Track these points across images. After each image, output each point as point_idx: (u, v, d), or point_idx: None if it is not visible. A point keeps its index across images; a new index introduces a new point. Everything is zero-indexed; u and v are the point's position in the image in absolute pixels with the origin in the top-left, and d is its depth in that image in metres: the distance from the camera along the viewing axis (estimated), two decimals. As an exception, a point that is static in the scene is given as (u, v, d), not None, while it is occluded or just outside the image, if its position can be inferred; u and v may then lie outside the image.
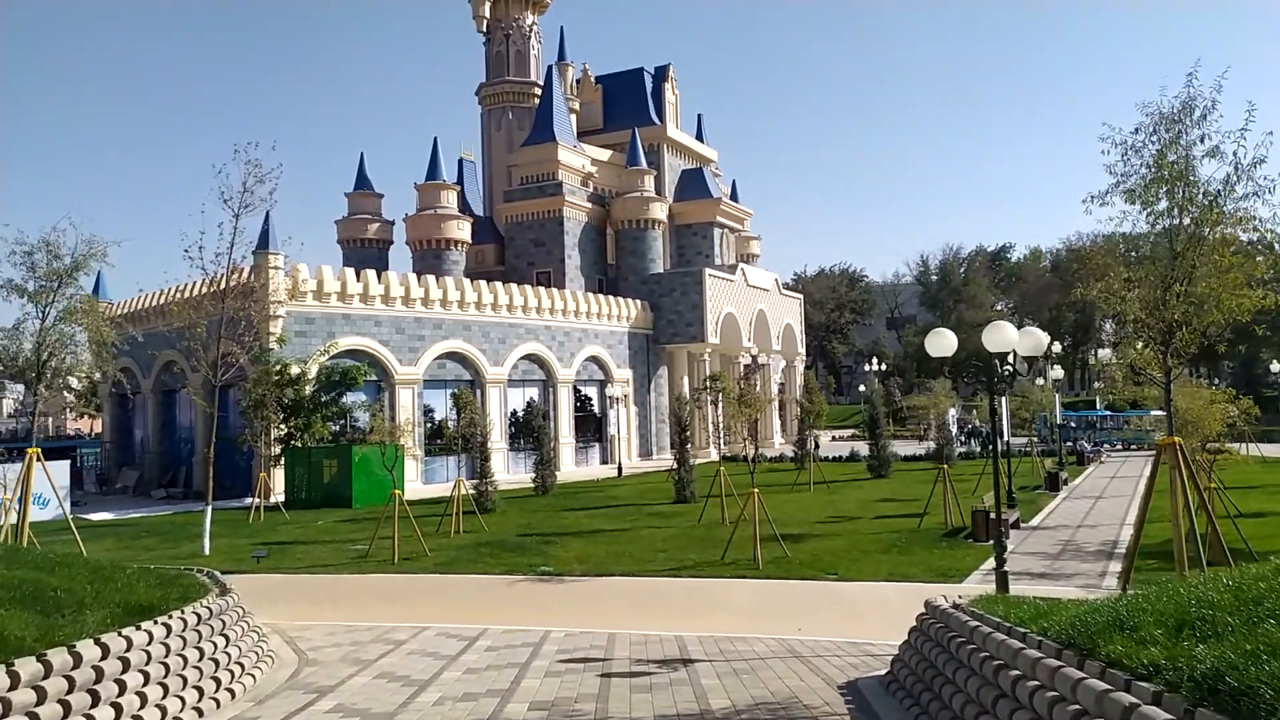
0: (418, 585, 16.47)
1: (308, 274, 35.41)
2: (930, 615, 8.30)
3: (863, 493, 30.10)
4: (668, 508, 26.92)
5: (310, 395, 30.54)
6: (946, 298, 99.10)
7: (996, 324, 10.00)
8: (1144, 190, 9.24)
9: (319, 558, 19.60)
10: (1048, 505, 25.46)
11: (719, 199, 59.79)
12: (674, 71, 63.31)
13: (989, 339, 10.04)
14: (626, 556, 18.31)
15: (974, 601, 8.19)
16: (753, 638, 11.45)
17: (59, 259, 17.21)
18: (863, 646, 10.96)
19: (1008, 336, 9.91)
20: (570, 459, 45.30)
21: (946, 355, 11.01)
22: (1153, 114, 9.14)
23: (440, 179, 51.45)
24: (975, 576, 15.56)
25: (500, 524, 24.07)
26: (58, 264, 17.19)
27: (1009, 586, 11.11)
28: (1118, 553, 17.74)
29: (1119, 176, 9.44)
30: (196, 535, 23.44)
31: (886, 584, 15.17)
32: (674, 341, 51.66)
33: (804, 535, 20.38)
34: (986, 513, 19.19)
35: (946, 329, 10.92)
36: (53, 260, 17.12)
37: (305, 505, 31.07)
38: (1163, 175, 9.01)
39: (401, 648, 11.04)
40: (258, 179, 21.12)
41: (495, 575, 16.95)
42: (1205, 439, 17.91)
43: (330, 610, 14.33)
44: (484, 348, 41.54)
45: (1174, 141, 9.00)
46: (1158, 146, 9.09)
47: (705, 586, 15.54)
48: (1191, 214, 9.00)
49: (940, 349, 10.90)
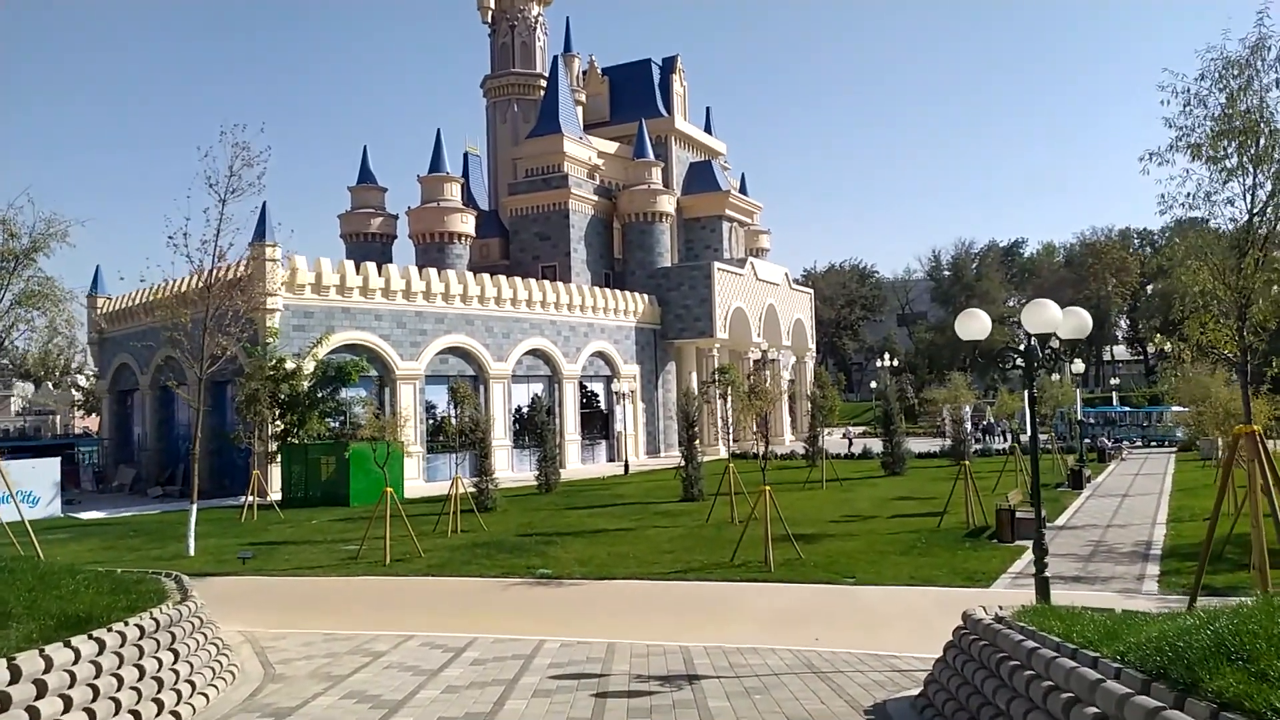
0: (408, 589, 15.50)
1: (306, 266, 34.49)
2: (971, 630, 7.26)
3: (877, 490, 29.02)
4: (674, 506, 25.91)
5: (306, 391, 29.61)
6: (959, 293, 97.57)
7: (1038, 302, 8.95)
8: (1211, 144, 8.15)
9: (308, 559, 18.65)
10: (1073, 504, 24.34)
11: (728, 192, 58.70)
12: (682, 63, 62.21)
13: (1029, 318, 8.98)
14: (630, 558, 17.30)
15: (1020, 614, 7.14)
16: (765, 649, 10.44)
17: (15, 238, 16.22)
18: (887, 660, 9.92)
19: (1050, 316, 8.85)
20: (576, 456, 44.31)
21: (979, 339, 9.95)
22: (1218, 59, 8.05)
23: (443, 171, 50.48)
24: (1004, 580, 14.51)
25: (500, 523, 23.09)
26: (14, 244, 16.19)
27: (1049, 594, 10.05)
28: (1153, 554, 16.67)
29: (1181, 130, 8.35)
30: (185, 535, 22.56)
31: (909, 588, 14.12)
32: (682, 337, 50.59)
33: (818, 535, 19.34)
34: (1012, 511, 18.14)
35: (979, 310, 9.86)
36: (8, 240, 16.13)
37: (303, 504, 30.18)
38: (1233, 127, 7.91)
39: (380, 660, 10.05)
40: (246, 163, 20.21)
41: (490, 578, 15.96)
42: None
43: (311, 616, 13.37)
44: (487, 343, 40.58)
45: (1245, 88, 7.91)
46: (1226, 94, 8.00)
47: (713, 591, 14.52)
48: (1271, 169, 7.88)
49: (972, 331, 9.85)
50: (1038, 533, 10.03)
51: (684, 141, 59.93)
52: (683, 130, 59.49)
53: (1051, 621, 6.56)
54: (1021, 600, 13.09)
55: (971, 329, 9.87)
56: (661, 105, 59.34)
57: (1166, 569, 15.03)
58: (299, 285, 34.03)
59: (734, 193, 60.18)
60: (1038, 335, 9.12)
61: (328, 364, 30.15)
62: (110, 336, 44.97)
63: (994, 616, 7.31)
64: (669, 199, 54.13)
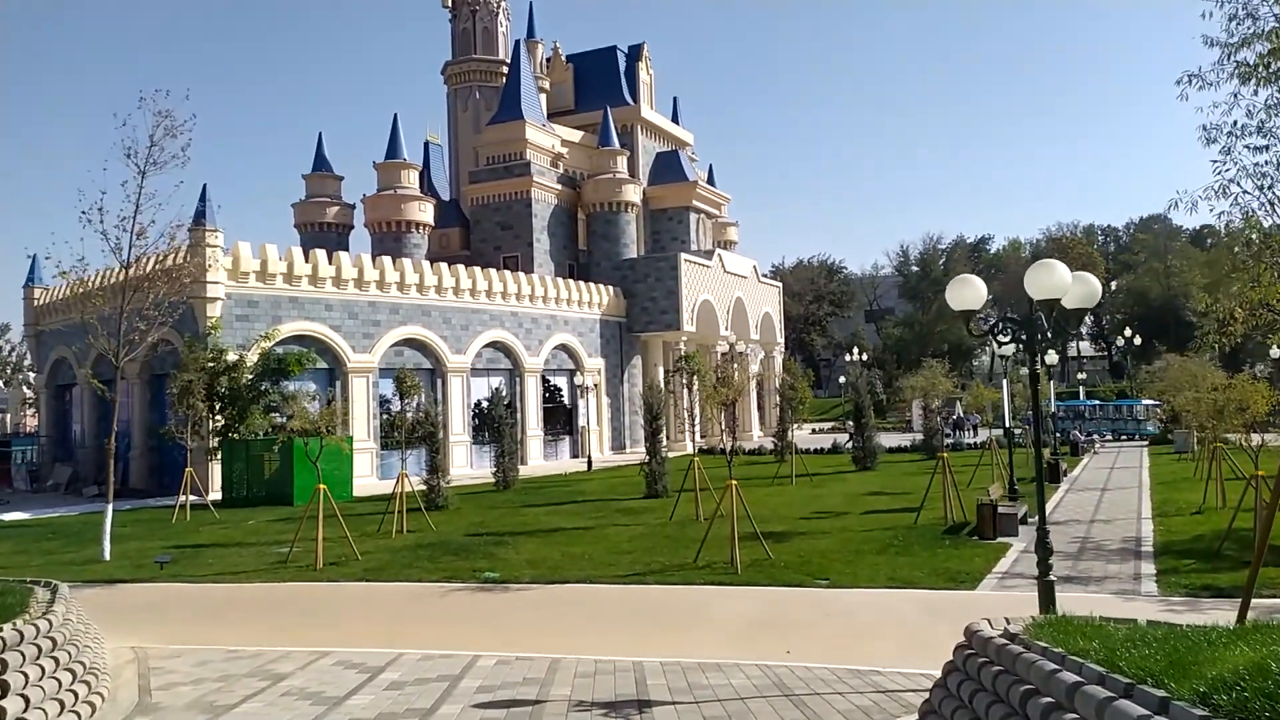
0: (337, 596, 14.01)
1: (250, 253, 32.70)
2: (978, 651, 5.97)
3: (848, 486, 27.89)
4: (637, 503, 24.57)
5: (246, 384, 27.88)
6: (927, 289, 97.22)
7: (1045, 264, 7.71)
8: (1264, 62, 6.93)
9: (234, 563, 17.06)
10: (1052, 498, 23.33)
11: (695, 182, 57.44)
12: (649, 51, 60.86)
13: (1034, 282, 7.74)
14: (585, 559, 15.92)
15: (1037, 630, 5.87)
16: (730, 664, 9.12)
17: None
18: (869, 677, 8.64)
19: (1058, 279, 7.61)
20: (538, 452, 42.82)
21: (973, 308, 8.69)
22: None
23: (401, 158, 48.66)
24: (990, 581, 13.33)
25: (450, 522, 21.61)
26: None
27: (1054, 599, 8.83)
28: (1144, 551, 15.60)
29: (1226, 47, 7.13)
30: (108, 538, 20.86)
31: (888, 591, 12.88)
32: (648, 330, 49.26)
33: (788, 533, 18.09)
34: (994, 506, 17.01)
35: (973, 275, 8.62)
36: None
37: (245, 503, 28.49)
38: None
39: (280, 685, 8.60)
40: (168, 132, 18.57)
41: (431, 583, 14.51)
42: (1251, 421, 15.77)
43: (220, 629, 11.85)
44: (445, 334, 38.96)
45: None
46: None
47: (674, 596, 13.18)
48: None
49: (965, 300, 8.60)
50: (1040, 529, 8.84)
51: (650, 131, 58.56)
52: (649, 119, 58.12)
53: (1082, 641, 5.28)
54: (1014, 604, 11.89)
55: (964, 297, 8.63)
56: (627, 94, 57.94)
57: (1163, 567, 13.95)
58: (242, 273, 32.23)
59: (702, 183, 58.91)
60: (1042, 302, 7.87)
61: (270, 355, 28.45)
62: (47, 329, 42.73)
63: (1003, 632, 6.04)
64: (635, 189, 52.75)
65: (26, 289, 43.19)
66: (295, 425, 17.13)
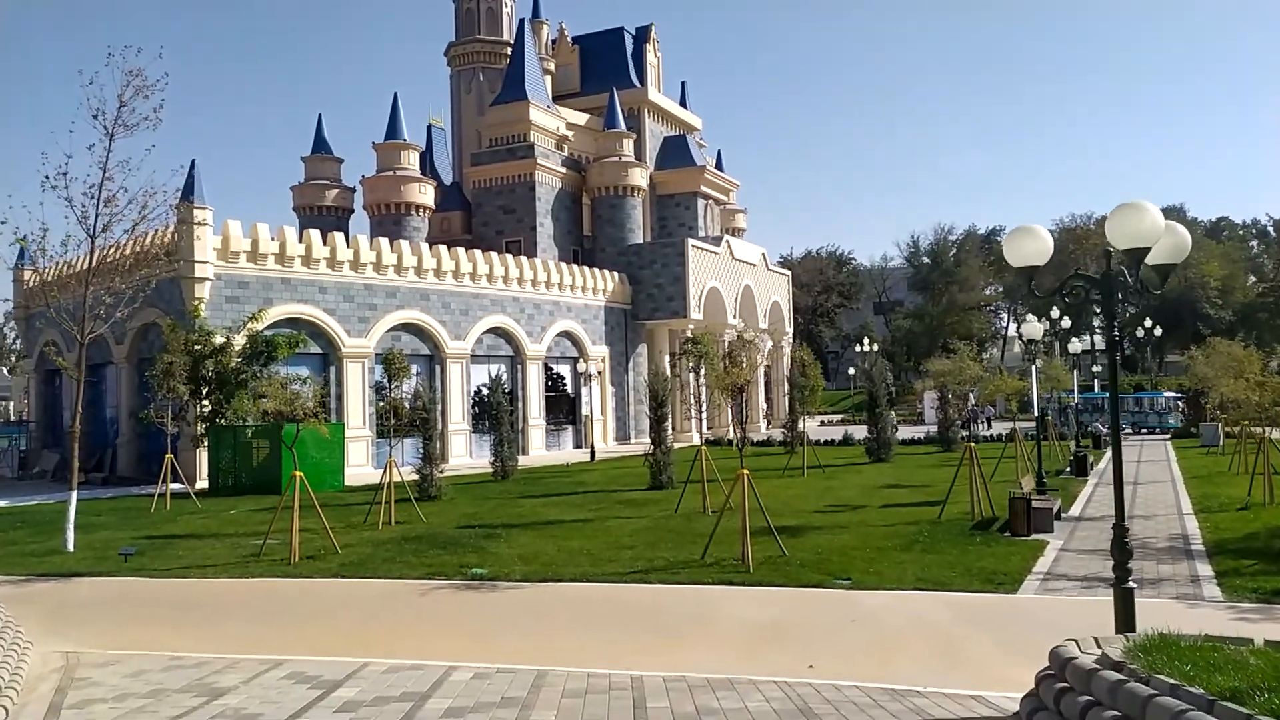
0: (308, 594, 12.74)
1: (240, 232, 31.42)
2: (1071, 682, 4.64)
3: (863, 478, 26.55)
4: (641, 495, 23.28)
5: (233, 368, 26.61)
6: (938, 279, 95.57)
7: (1132, 206, 6.35)
8: None
9: (204, 555, 15.82)
10: (1081, 492, 21.95)
11: (703, 167, 55.96)
12: (656, 33, 59.34)
13: (1118, 228, 6.37)
14: (583, 555, 14.62)
15: (1151, 657, 4.54)
16: (744, 681, 7.81)
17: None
18: (908, 699, 7.32)
19: (1150, 224, 6.24)
20: (540, 442, 41.52)
21: (1036, 264, 7.32)
22: None
23: (401, 138, 47.28)
24: (1032, 583, 11.99)
25: (441, 514, 20.34)
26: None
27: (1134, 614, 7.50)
28: (1195, 549, 14.25)
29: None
30: (79, 527, 19.69)
31: (917, 593, 11.55)
32: (654, 317, 47.87)
33: (802, 528, 16.78)
34: (1028, 500, 15.66)
35: (1036, 226, 7.25)
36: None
37: (233, 492, 27.27)
38: None
39: (215, 704, 7.32)
40: (139, 92, 17.27)
41: (412, 580, 13.23)
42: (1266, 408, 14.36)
43: (170, 631, 10.59)
44: (444, 319, 37.66)
45: None
46: None
47: (679, 597, 11.88)
48: None
49: (1026, 254, 7.24)
50: (1118, 526, 7.49)
51: (657, 114, 57.07)
52: (656, 102, 56.62)
53: (1221, 677, 3.95)
54: (1067, 610, 10.51)
55: (1025, 251, 7.26)
56: (635, 76, 56.43)
57: (1222, 569, 12.59)
58: (233, 253, 30.95)
59: (710, 169, 57.43)
60: (1128, 252, 6.51)
61: (258, 337, 27.18)
62: (37, 312, 41.55)
63: (1100, 658, 4.71)
64: (641, 173, 51.33)
65: (16, 269, 41.99)
66: (269, 407, 15.85)
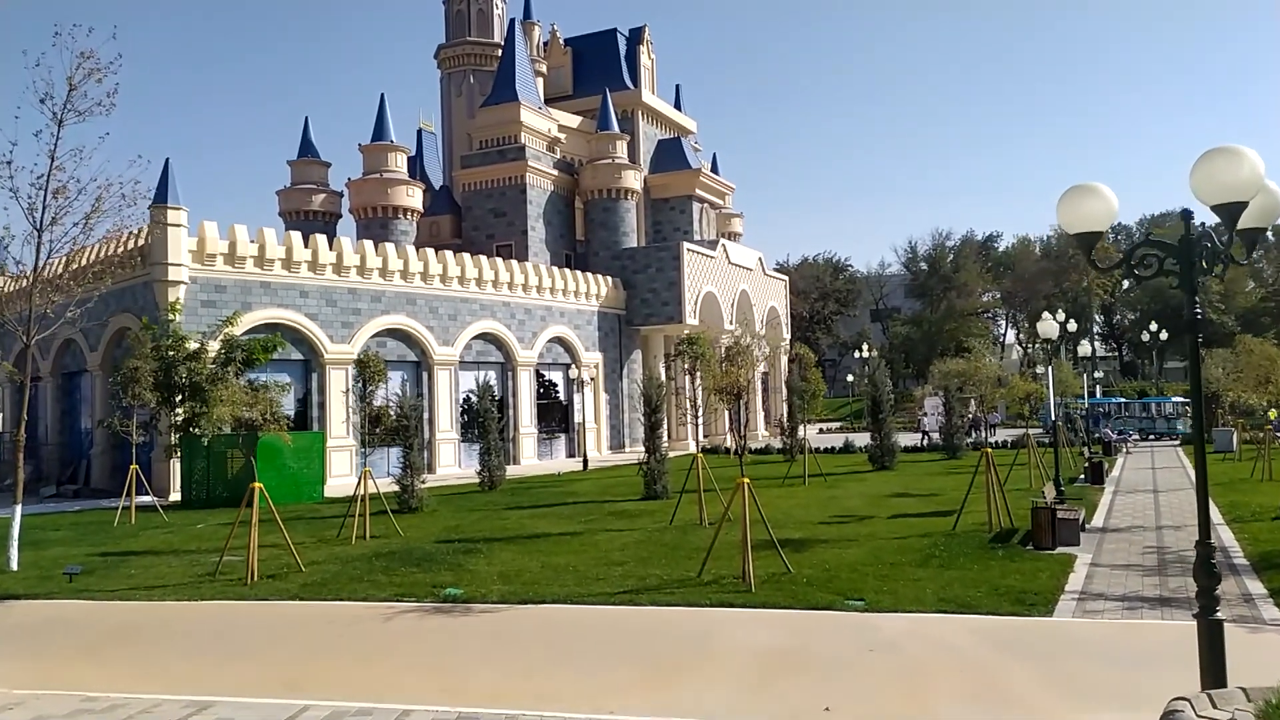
0: (260, 619, 11.46)
1: (218, 234, 30.15)
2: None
3: (868, 486, 25.31)
4: (634, 505, 22.02)
5: (207, 375, 25.29)
6: (936, 285, 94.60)
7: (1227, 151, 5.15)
8: None
9: (158, 574, 14.53)
10: (1101, 501, 20.73)
11: (698, 170, 54.86)
12: (650, 34, 58.33)
13: (1208, 178, 5.18)
14: (568, 572, 13.35)
15: None
16: (750, 729, 6.56)
17: None
18: (949, 753, 6.07)
19: (1247, 175, 5.06)
20: (532, 451, 40.20)
21: (1098, 230, 6.12)
22: None
23: (388, 140, 46.11)
24: (1067, 603, 10.73)
25: (420, 527, 19.07)
26: None
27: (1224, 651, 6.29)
28: (1238, 563, 13.03)
29: None
30: (33, 543, 18.49)
31: (940, 616, 10.30)
32: (649, 323, 46.64)
33: (807, 541, 15.54)
34: (1053, 510, 14.43)
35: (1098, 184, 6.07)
36: None
37: (206, 504, 25.98)
38: None
39: (110, 763, 6.07)
40: (90, 74, 16.04)
41: (378, 602, 11.95)
42: None
43: (94, 666, 9.31)
44: (431, 325, 36.38)
45: None
46: None
47: (673, 621, 10.62)
48: None
49: (1084, 218, 6.03)
50: (1202, 544, 6.28)
51: (651, 117, 56.01)
52: (650, 104, 55.56)
53: None
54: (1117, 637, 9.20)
55: (1083, 213, 6.04)
56: (628, 78, 55.39)
57: (1273, 585, 11.37)
58: (209, 255, 29.68)
59: (705, 172, 56.34)
60: (1219, 208, 5.31)
61: (233, 342, 25.89)
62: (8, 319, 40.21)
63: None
64: (635, 175, 50.19)
65: (-18, 275, 40.67)
66: (224, 414, 14.60)
